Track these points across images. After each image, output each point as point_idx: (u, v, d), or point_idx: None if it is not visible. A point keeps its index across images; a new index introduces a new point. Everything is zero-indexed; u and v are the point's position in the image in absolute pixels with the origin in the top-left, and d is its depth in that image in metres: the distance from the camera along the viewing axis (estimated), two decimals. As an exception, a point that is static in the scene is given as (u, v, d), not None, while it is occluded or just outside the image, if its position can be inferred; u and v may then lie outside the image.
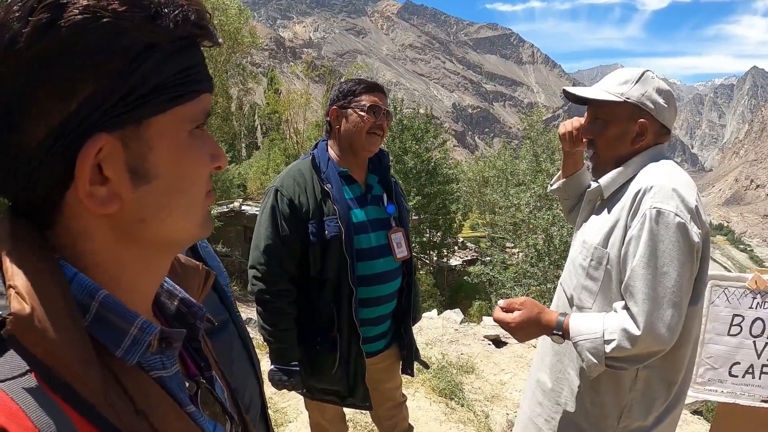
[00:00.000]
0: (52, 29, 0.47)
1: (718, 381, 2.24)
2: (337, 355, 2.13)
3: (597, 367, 1.57)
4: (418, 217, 24.86)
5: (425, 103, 28.82)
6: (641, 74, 1.68)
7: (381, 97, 2.14)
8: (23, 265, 0.49)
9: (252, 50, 18.43)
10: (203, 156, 0.60)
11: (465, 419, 3.96)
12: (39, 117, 0.49)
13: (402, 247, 2.25)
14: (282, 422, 3.77)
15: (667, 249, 1.50)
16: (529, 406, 1.95)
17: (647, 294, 1.50)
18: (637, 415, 1.68)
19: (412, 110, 26.26)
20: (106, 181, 0.52)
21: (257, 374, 1.22)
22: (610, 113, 1.70)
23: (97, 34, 0.49)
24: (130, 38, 0.51)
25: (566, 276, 1.86)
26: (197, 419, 0.63)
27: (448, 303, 19.51)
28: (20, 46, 0.47)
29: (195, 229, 0.62)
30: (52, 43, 0.48)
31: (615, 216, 1.65)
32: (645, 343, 1.50)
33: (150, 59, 0.52)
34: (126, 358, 0.55)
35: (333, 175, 2.13)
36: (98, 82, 0.50)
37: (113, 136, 0.51)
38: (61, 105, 0.49)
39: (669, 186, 1.54)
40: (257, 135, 39.96)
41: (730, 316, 2.23)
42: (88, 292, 0.54)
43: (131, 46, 0.51)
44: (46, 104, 0.49)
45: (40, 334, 0.46)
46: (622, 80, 1.69)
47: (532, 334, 1.69)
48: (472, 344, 5.72)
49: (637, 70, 1.70)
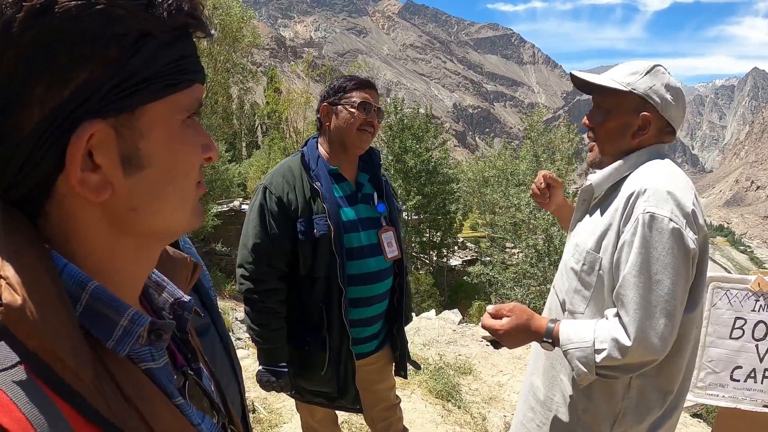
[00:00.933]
0: (46, 15, 0.47)
1: (720, 385, 2.18)
2: (326, 354, 2.09)
3: (587, 375, 1.51)
4: (418, 216, 24.84)
5: (426, 103, 28.72)
6: (652, 67, 1.61)
7: (372, 94, 2.11)
8: (15, 255, 0.49)
9: (253, 49, 18.38)
10: (195, 146, 0.60)
11: (462, 421, 3.91)
12: (32, 103, 0.49)
13: (393, 246, 2.22)
14: (277, 423, 3.73)
15: (660, 256, 1.43)
16: (522, 411, 1.90)
17: (639, 303, 1.44)
18: (631, 422, 1.62)
19: (413, 110, 26.20)
20: (97, 169, 0.52)
21: (239, 380, 1.17)
22: (613, 103, 1.63)
23: (91, 20, 0.49)
24: (125, 26, 0.51)
25: (558, 279, 1.80)
26: (185, 411, 0.63)
27: (448, 303, 19.46)
28: (14, 31, 0.47)
29: (186, 219, 0.62)
30: (46, 29, 0.47)
31: (608, 219, 1.58)
32: (636, 353, 1.44)
33: (144, 48, 0.52)
34: (117, 350, 0.55)
35: (323, 173, 2.09)
36: (92, 70, 0.50)
37: (106, 123, 0.51)
38: (54, 91, 0.49)
39: (664, 189, 1.47)
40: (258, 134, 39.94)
41: (732, 319, 2.18)
42: (79, 283, 0.53)
43: (125, 34, 0.51)
44: (40, 90, 0.49)
45: (32, 325, 0.47)
46: (631, 71, 1.61)
47: (522, 341, 1.64)
48: (470, 345, 5.68)
49: (649, 63, 1.63)
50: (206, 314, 1.14)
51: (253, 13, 19.79)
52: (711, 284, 2.17)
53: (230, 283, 14.05)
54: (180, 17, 0.55)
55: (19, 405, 0.45)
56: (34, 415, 0.45)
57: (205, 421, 0.67)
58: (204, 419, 0.67)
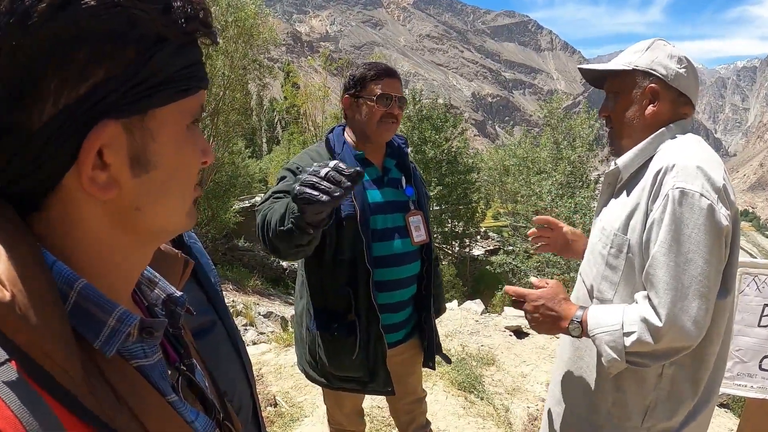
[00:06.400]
0: (68, 9, 0.48)
1: (748, 375, 2.11)
2: (356, 339, 2.07)
3: (617, 363, 1.44)
4: (440, 207, 24.80)
5: (444, 94, 28.64)
6: (651, 43, 1.59)
7: (392, 84, 2.08)
8: (5, 251, 0.49)
9: (269, 46, 18.43)
10: (197, 149, 0.61)
11: (484, 413, 3.87)
12: (46, 97, 0.49)
13: (420, 231, 2.19)
14: (298, 417, 3.74)
15: (692, 233, 1.36)
16: (550, 404, 1.85)
17: (669, 284, 1.37)
18: (662, 415, 1.55)
19: (431, 100, 26.13)
20: (106, 167, 0.53)
21: (248, 376, 1.16)
22: (620, 85, 1.61)
23: (113, 20, 0.49)
24: (144, 29, 0.52)
25: (585, 265, 1.73)
26: (179, 408, 0.63)
27: (471, 293, 19.40)
28: (33, 22, 0.47)
29: (183, 219, 0.63)
30: (67, 23, 0.48)
31: (635, 199, 1.51)
32: (668, 337, 1.37)
33: (160, 52, 0.53)
34: (104, 350, 0.54)
35: (348, 156, 2.08)
36: (110, 69, 0.50)
37: (119, 124, 0.52)
38: (70, 88, 0.49)
39: (693, 163, 1.40)
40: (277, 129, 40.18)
41: (761, 306, 2.10)
42: (67, 281, 0.53)
43: (144, 37, 0.52)
44: (55, 85, 0.49)
45: (21, 322, 0.47)
46: (632, 51, 1.61)
47: (549, 323, 1.58)
48: (493, 335, 5.63)
49: (649, 40, 1.61)
50: (211, 311, 1.12)
51: (269, 11, 19.81)
52: (739, 270, 2.10)
53: (253, 278, 14.20)
54: (194, 24, 0.56)
55: (8, 402, 0.44)
56: (23, 413, 0.45)
57: (199, 418, 0.67)
58: (198, 416, 0.67)
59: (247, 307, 9.22)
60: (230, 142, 17.72)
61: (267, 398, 3.96)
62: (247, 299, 11.07)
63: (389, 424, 3.52)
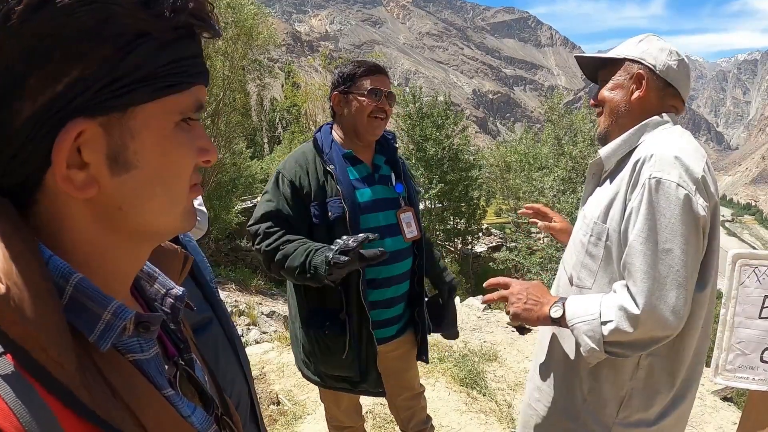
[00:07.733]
0: (44, 9, 0.48)
1: (749, 367, 2.09)
2: (347, 338, 2.08)
3: (596, 353, 1.45)
4: (441, 204, 24.77)
5: (445, 91, 28.61)
6: (644, 37, 1.65)
7: (381, 79, 2.10)
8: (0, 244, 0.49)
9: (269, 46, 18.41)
10: (189, 149, 0.59)
11: (486, 409, 3.88)
12: (25, 96, 0.49)
13: (412, 227, 2.20)
14: (300, 415, 3.75)
15: (669, 223, 1.37)
16: (529, 391, 1.86)
17: (647, 272, 1.38)
18: (637, 405, 1.56)
19: (431, 98, 26.10)
20: (85, 166, 0.52)
21: (246, 374, 1.16)
22: (610, 73, 1.65)
23: (87, 17, 0.49)
24: (121, 25, 0.51)
25: (567, 254, 1.76)
26: (175, 402, 0.63)
27: (474, 290, 19.39)
28: (13, 23, 0.48)
29: (175, 222, 0.62)
30: (44, 22, 0.48)
31: (615, 188, 1.53)
32: (646, 325, 1.38)
33: (141, 48, 0.52)
34: (99, 344, 0.54)
35: (337, 156, 2.10)
36: (85, 67, 0.50)
37: (96, 122, 0.52)
38: (47, 85, 0.49)
39: (671, 153, 1.41)
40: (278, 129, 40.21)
41: (761, 298, 2.08)
42: (63, 275, 0.53)
43: (121, 33, 0.51)
44: (34, 83, 0.49)
45: (16, 315, 0.47)
46: (625, 44, 1.68)
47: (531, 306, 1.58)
48: (496, 332, 5.63)
49: (642, 35, 1.66)
50: (208, 308, 1.13)
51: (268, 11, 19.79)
52: (738, 261, 2.08)
53: (256, 278, 14.20)
54: (182, 17, 0.54)
55: (2, 395, 0.45)
56: (18, 406, 0.45)
57: (196, 413, 0.67)
58: (195, 411, 0.67)
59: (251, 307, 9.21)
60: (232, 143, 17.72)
61: (270, 396, 3.96)
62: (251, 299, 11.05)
63: (391, 421, 3.52)
